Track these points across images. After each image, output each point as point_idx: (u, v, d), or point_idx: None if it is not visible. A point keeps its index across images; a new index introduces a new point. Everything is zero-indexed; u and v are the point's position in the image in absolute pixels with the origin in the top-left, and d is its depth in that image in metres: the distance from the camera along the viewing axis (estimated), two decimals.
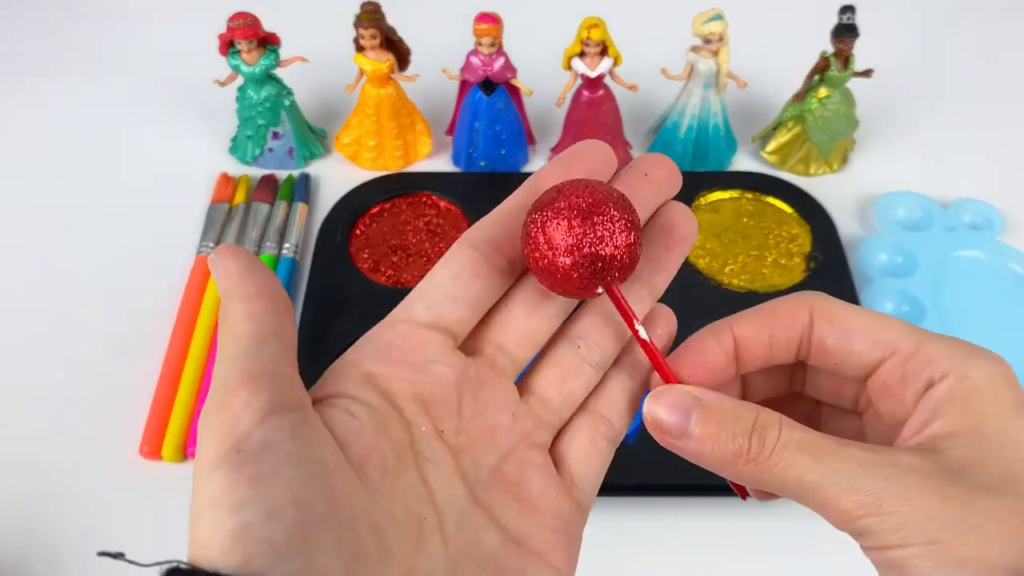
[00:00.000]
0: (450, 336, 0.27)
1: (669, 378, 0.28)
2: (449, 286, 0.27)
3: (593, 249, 0.26)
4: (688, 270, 0.61)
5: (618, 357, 0.30)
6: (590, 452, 0.28)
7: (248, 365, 0.23)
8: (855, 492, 0.24)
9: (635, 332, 0.28)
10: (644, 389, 0.29)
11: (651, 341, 0.28)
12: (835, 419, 0.31)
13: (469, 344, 0.28)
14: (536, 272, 0.27)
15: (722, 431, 0.26)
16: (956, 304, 0.60)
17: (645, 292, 0.29)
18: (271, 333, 0.24)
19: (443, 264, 0.28)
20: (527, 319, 0.28)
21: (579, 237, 0.25)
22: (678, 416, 0.26)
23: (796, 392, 0.31)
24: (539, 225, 0.26)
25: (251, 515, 0.21)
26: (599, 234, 0.26)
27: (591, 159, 0.29)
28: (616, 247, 0.26)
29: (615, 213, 0.26)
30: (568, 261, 0.26)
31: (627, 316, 0.27)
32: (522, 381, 0.29)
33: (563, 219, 0.26)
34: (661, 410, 0.27)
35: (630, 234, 0.26)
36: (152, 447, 0.53)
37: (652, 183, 0.30)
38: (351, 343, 0.59)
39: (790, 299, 0.29)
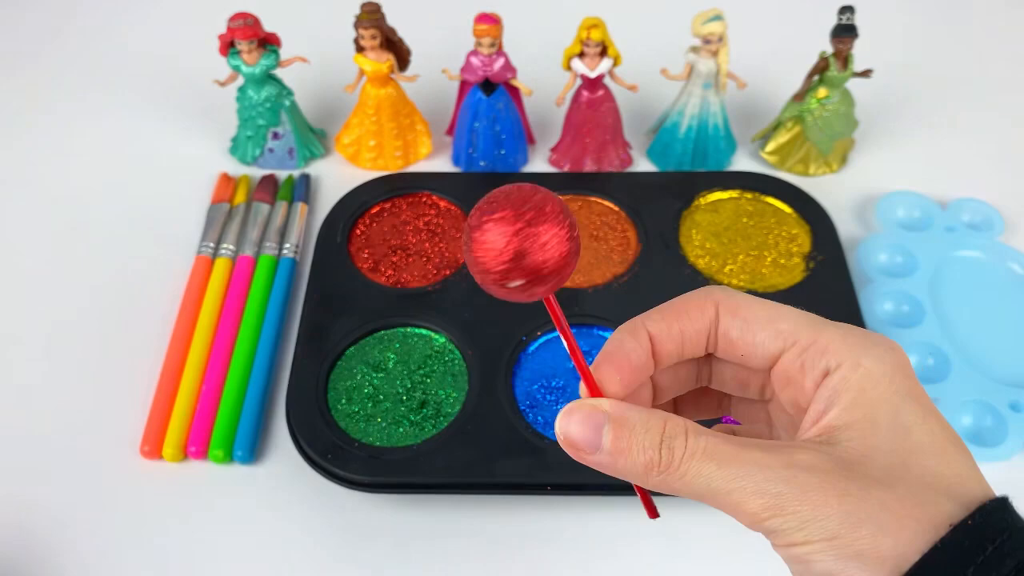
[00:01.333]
0: None
1: (593, 387, 0.28)
2: None
3: (530, 263, 0.25)
4: (688, 270, 0.61)
5: None
6: None
7: None
8: (760, 495, 0.25)
9: (566, 337, 0.28)
10: None
11: (578, 347, 0.28)
12: (743, 407, 0.32)
13: None
14: (479, 282, 0.27)
15: (633, 444, 0.27)
16: (955, 304, 0.60)
17: None
18: None
19: None
20: None
21: (516, 251, 0.25)
22: (590, 432, 0.27)
23: (703, 387, 0.32)
24: (475, 238, 0.26)
25: None
26: (538, 245, 0.25)
27: None
28: (551, 258, 0.25)
29: (550, 224, 0.25)
30: (505, 280, 0.26)
31: (559, 321, 0.28)
32: None
33: (499, 233, 0.25)
34: (573, 427, 0.27)
35: (565, 244, 0.26)
36: (153, 447, 0.53)
37: None
38: (351, 343, 0.60)
39: (695, 294, 0.30)
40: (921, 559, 0.23)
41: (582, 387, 0.29)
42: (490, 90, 0.65)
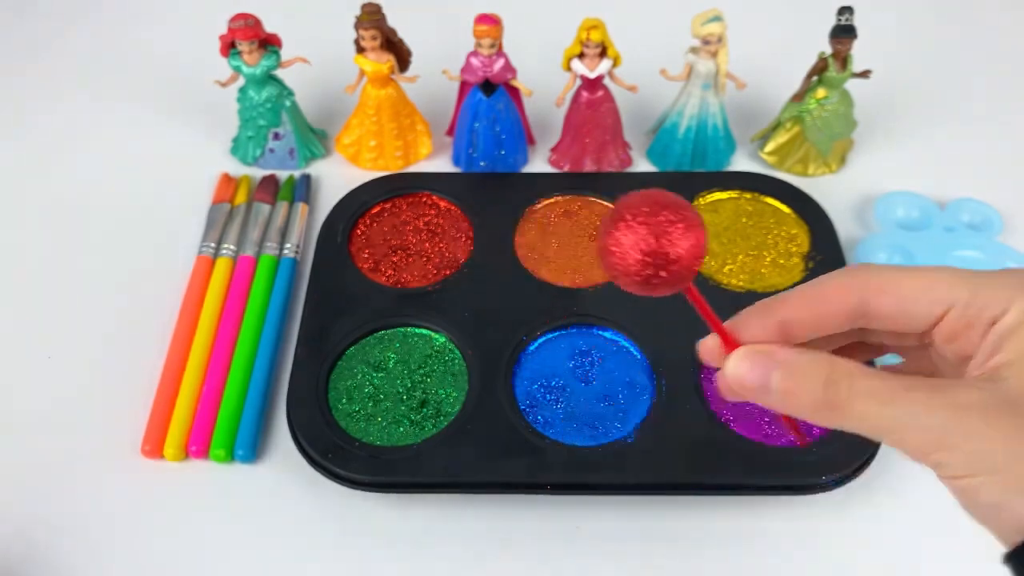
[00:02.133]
0: None
1: (730, 342, 0.31)
2: None
3: (666, 258, 0.28)
4: None
5: None
6: None
7: None
8: (924, 431, 0.26)
9: (709, 315, 0.31)
10: None
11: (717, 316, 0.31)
12: (904, 348, 0.34)
13: None
14: (621, 282, 0.29)
15: (800, 386, 0.28)
16: None
17: None
18: None
19: None
20: None
21: (655, 255, 0.28)
22: (759, 374, 0.29)
23: (858, 340, 0.34)
24: (612, 240, 0.28)
25: None
26: (671, 241, 0.28)
27: None
28: (685, 250, 0.28)
29: (679, 217, 0.28)
30: (645, 273, 0.28)
31: (703, 307, 0.31)
32: None
33: (634, 234, 0.28)
34: (745, 369, 0.30)
35: (697, 236, 0.28)
36: (154, 446, 0.53)
37: None
38: (352, 343, 0.60)
39: (836, 277, 0.31)
40: None
41: (712, 339, 0.31)
42: (490, 91, 0.65)
